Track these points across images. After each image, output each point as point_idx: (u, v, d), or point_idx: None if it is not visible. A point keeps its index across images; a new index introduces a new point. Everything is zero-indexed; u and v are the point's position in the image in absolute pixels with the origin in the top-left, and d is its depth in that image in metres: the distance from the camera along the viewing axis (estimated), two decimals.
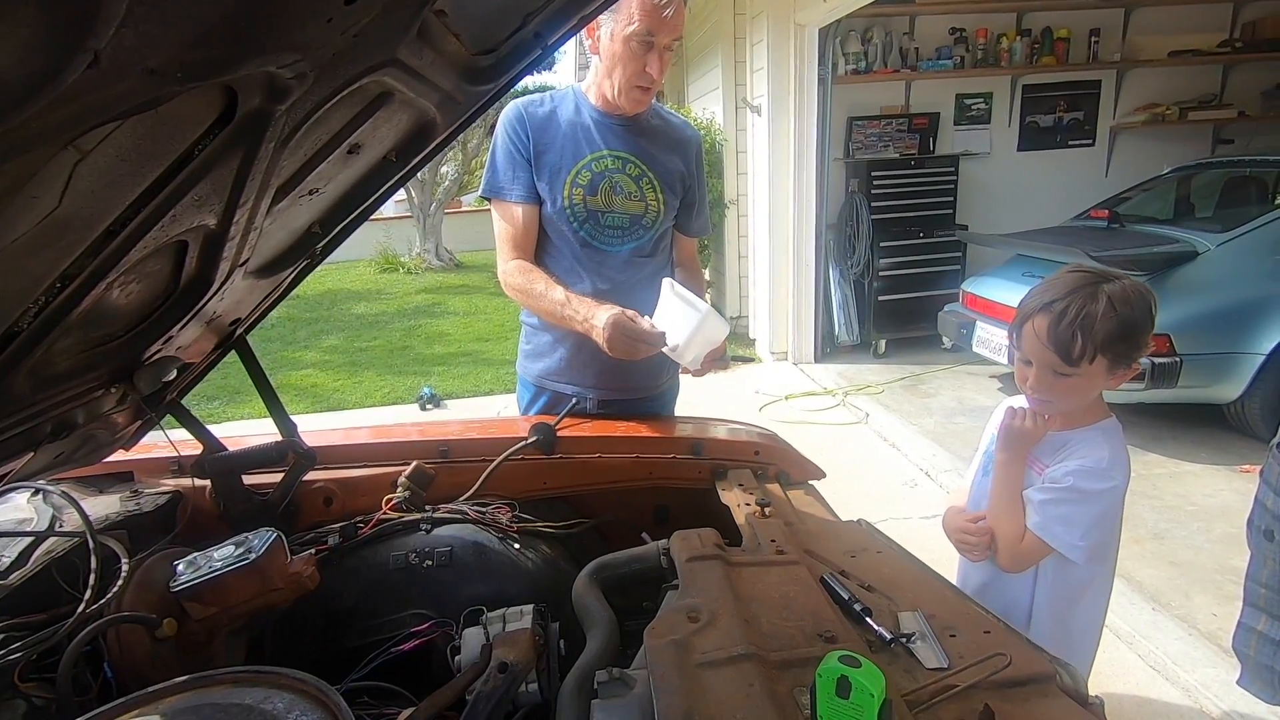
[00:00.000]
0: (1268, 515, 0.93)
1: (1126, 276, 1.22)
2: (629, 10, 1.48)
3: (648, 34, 1.49)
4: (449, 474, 1.41)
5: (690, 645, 0.87)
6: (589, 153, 1.64)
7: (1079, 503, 1.23)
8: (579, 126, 1.64)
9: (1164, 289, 3.53)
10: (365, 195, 1.13)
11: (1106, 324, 1.16)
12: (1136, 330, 1.18)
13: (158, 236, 0.71)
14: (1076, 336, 1.17)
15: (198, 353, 1.18)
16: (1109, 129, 6.04)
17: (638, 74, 1.54)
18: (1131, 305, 1.17)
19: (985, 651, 0.90)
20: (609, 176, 1.65)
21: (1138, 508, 3.05)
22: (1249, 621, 1.01)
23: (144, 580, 1.05)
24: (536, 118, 1.64)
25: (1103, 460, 1.23)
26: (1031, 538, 1.26)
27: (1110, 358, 1.19)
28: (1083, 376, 1.20)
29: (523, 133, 1.62)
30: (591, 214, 1.65)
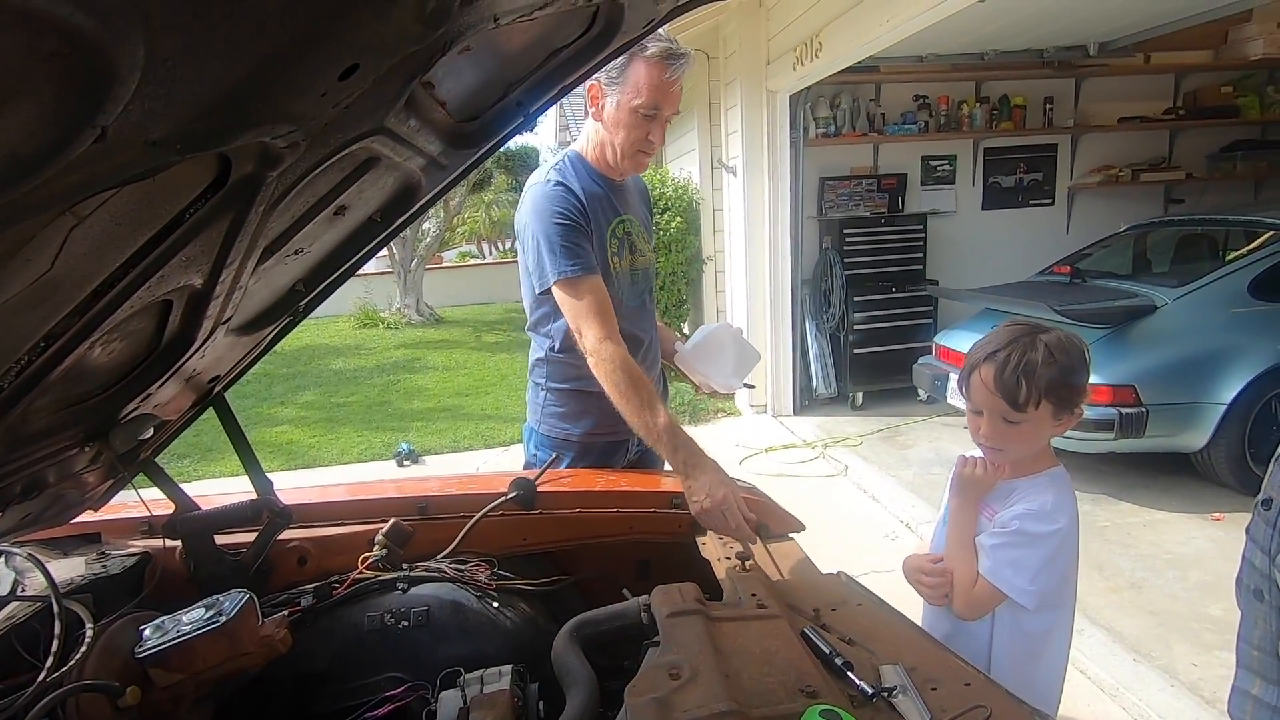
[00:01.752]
0: (1256, 574, 0.94)
1: (1058, 328, 1.29)
2: (636, 83, 1.56)
3: (654, 107, 1.58)
4: (427, 531, 1.40)
5: (671, 703, 0.86)
6: (608, 221, 1.71)
7: (1026, 546, 1.26)
8: (596, 198, 1.68)
9: (1127, 341, 3.65)
10: (349, 254, 1.16)
11: (1048, 370, 1.21)
12: (1074, 376, 1.24)
13: (144, 296, 0.72)
14: (1021, 383, 1.22)
15: (175, 410, 1.17)
16: (1067, 189, 6.33)
17: (641, 141, 1.63)
18: (1068, 353, 1.23)
19: (966, 704, 0.90)
20: (628, 240, 1.77)
21: (1115, 557, 3.07)
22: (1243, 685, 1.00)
23: (108, 646, 1.02)
24: (574, 193, 1.63)
25: (1047, 504, 1.27)
26: (983, 583, 1.28)
27: (1054, 403, 1.23)
28: (1030, 422, 1.24)
29: (577, 207, 1.62)
30: (623, 275, 1.75)
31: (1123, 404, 3.43)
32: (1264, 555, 0.91)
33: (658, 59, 1.53)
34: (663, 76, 1.55)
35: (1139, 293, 3.87)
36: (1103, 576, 2.92)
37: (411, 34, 0.58)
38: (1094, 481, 3.83)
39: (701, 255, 6.43)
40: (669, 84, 1.56)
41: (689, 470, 1.42)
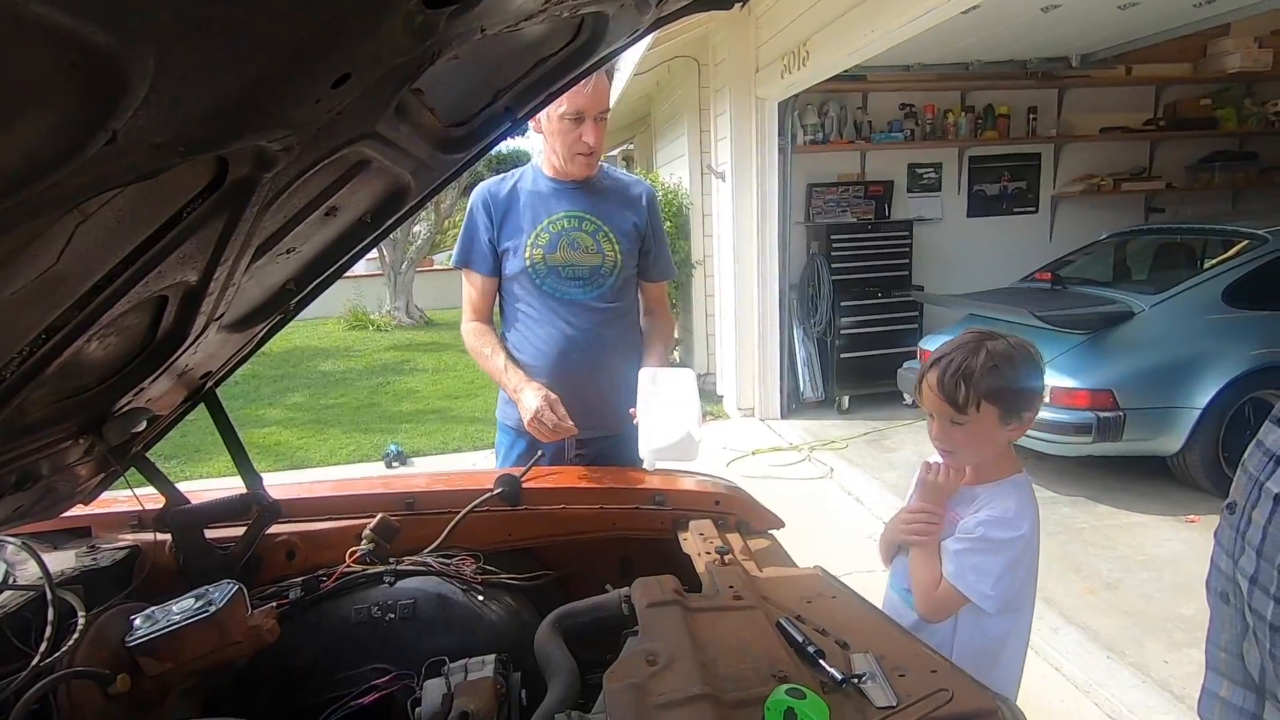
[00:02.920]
0: (1222, 577, 0.96)
1: (1013, 337, 1.33)
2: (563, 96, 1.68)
3: (577, 113, 1.72)
4: (414, 526, 1.42)
5: (648, 688, 0.90)
6: (545, 217, 1.86)
7: (989, 552, 1.29)
8: (536, 195, 1.88)
9: (1105, 347, 3.72)
10: (340, 254, 1.19)
11: (987, 375, 1.26)
12: (1017, 383, 1.28)
13: (141, 292, 0.75)
14: (960, 385, 1.26)
15: (167, 405, 1.20)
16: (1051, 197, 6.43)
17: (576, 143, 1.77)
18: (1012, 360, 1.27)
19: (931, 689, 0.94)
20: (566, 235, 1.85)
21: (1092, 559, 3.14)
22: (1212, 687, 1.02)
23: (99, 635, 1.04)
24: (499, 196, 1.88)
25: (1009, 510, 1.30)
26: (947, 586, 1.31)
27: (999, 408, 1.28)
28: (975, 424, 1.29)
29: (486, 212, 1.87)
30: (551, 269, 1.84)
31: (1100, 408, 3.51)
32: (1229, 559, 0.93)
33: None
34: (579, 92, 1.65)
35: (1117, 299, 3.95)
36: (1080, 577, 2.98)
37: (401, 46, 0.61)
38: (1073, 485, 3.90)
39: (691, 260, 6.48)
40: (581, 86, 1.63)
41: (517, 395, 1.77)
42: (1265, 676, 0.88)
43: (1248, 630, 0.89)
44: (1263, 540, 0.83)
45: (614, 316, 1.92)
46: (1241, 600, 0.88)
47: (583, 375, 1.85)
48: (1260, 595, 0.84)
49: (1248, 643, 0.90)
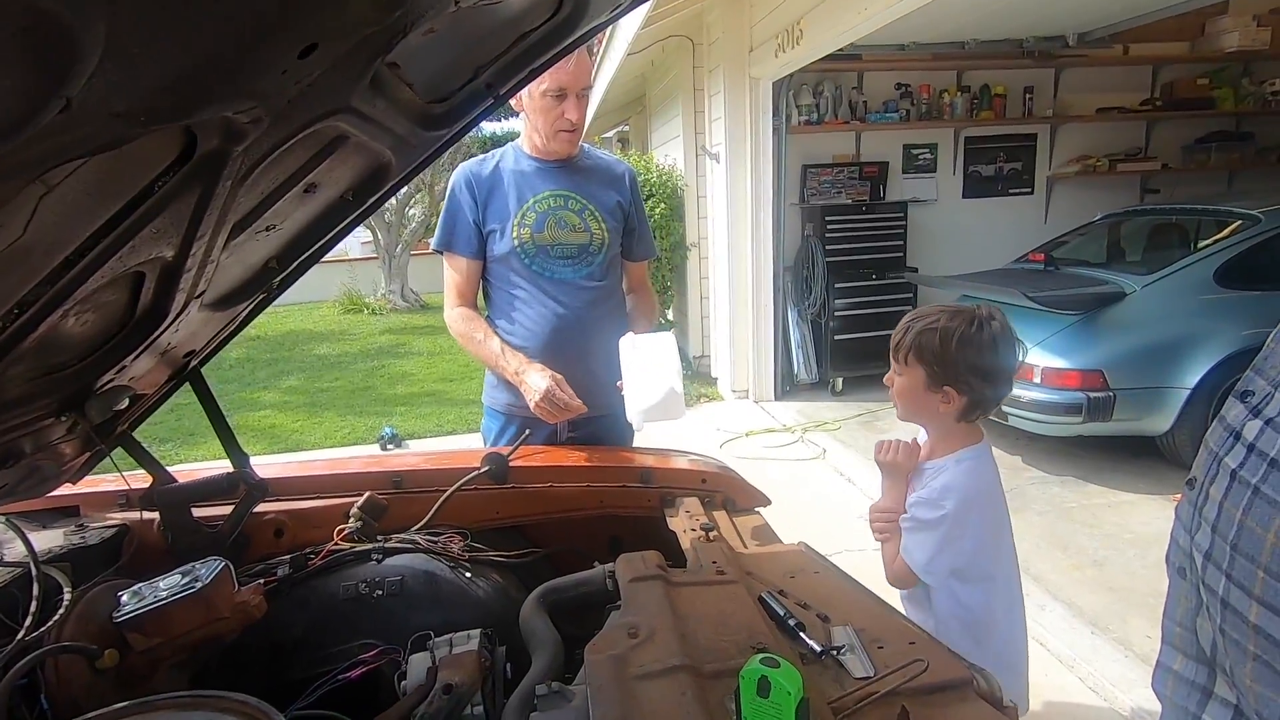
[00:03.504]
0: (1180, 552, 0.97)
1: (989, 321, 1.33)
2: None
3: (559, 89, 1.70)
4: (402, 504, 1.43)
5: (628, 659, 0.91)
6: (531, 196, 1.83)
7: (919, 530, 1.38)
8: (519, 175, 1.85)
9: (1096, 327, 3.73)
10: (322, 232, 1.18)
11: (923, 335, 1.34)
12: (950, 352, 1.31)
13: (115, 267, 0.75)
14: (902, 338, 1.38)
15: (151, 384, 1.20)
16: (1046, 178, 6.41)
17: (559, 120, 1.75)
18: (957, 335, 1.31)
19: (908, 660, 0.95)
20: (553, 213, 1.83)
21: (1080, 537, 3.17)
22: (1166, 661, 1.02)
23: (86, 611, 1.05)
24: (481, 177, 1.84)
25: (934, 491, 1.37)
26: (900, 558, 1.41)
27: (925, 370, 1.35)
28: (905, 377, 1.39)
29: (470, 191, 1.83)
30: (540, 248, 1.82)
31: (1091, 388, 3.52)
32: (1186, 534, 0.94)
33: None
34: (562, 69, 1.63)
35: (1109, 280, 3.95)
36: (1066, 555, 3.01)
37: (368, 17, 0.61)
38: (1064, 464, 3.93)
39: (685, 242, 6.46)
40: (564, 63, 1.61)
41: (520, 378, 1.74)
42: (1216, 651, 0.89)
43: (1201, 605, 0.90)
44: (1218, 516, 0.84)
45: (603, 295, 1.91)
46: (1196, 575, 0.89)
47: (574, 355, 1.83)
48: (1213, 571, 0.84)
49: (1201, 617, 0.91)
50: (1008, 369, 1.36)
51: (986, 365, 1.32)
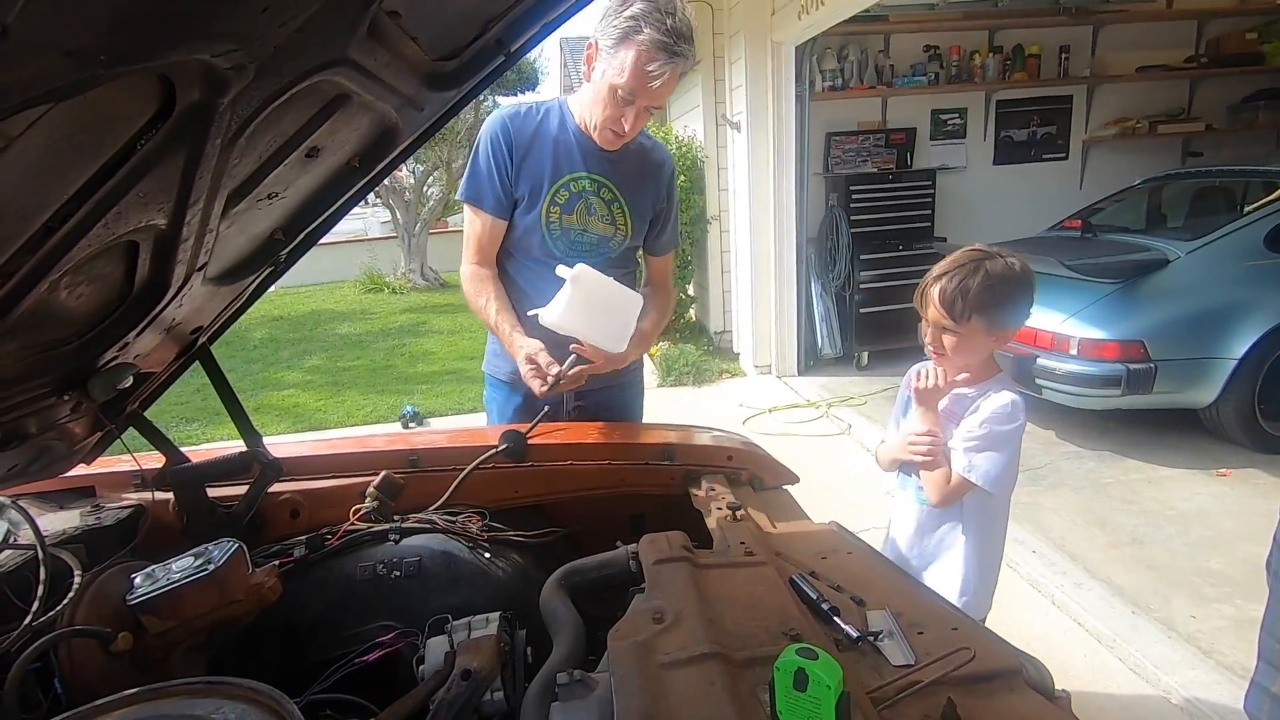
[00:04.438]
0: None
1: (1010, 256, 1.50)
2: (622, 63, 1.48)
3: (631, 94, 1.53)
4: (419, 483, 1.39)
5: (653, 646, 0.86)
6: (568, 172, 1.68)
7: (996, 445, 1.49)
8: (562, 144, 1.68)
9: (1137, 296, 3.58)
10: (328, 202, 1.13)
11: (980, 292, 1.45)
12: (1005, 299, 1.46)
13: (102, 235, 0.70)
14: (957, 301, 1.47)
15: (158, 362, 1.16)
16: (1081, 142, 6.16)
17: (614, 120, 1.59)
18: (1005, 280, 1.46)
19: (951, 647, 0.89)
20: (585, 197, 1.70)
21: (1117, 513, 3.07)
22: (1263, 681, 0.93)
23: (99, 594, 1.03)
24: (522, 131, 1.67)
25: (1007, 406, 1.50)
26: (958, 478, 1.51)
27: (985, 320, 1.47)
28: (965, 333, 1.49)
29: (506, 145, 1.66)
30: (565, 231, 1.70)
31: (1130, 359, 3.39)
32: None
33: (648, 46, 1.45)
34: (646, 67, 1.46)
35: (1151, 247, 3.78)
36: (1104, 532, 2.92)
37: None
38: (1099, 439, 3.81)
39: (706, 215, 6.34)
40: (651, 75, 1.47)
41: (515, 349, 1.63)
42: None
43: None
44: None
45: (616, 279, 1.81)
46: None
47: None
48: None
49: None
50: None
51: (1031, 296, 1.49)
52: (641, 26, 1.44)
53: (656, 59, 1.46)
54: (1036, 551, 2.76)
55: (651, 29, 1.43)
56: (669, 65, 1.47)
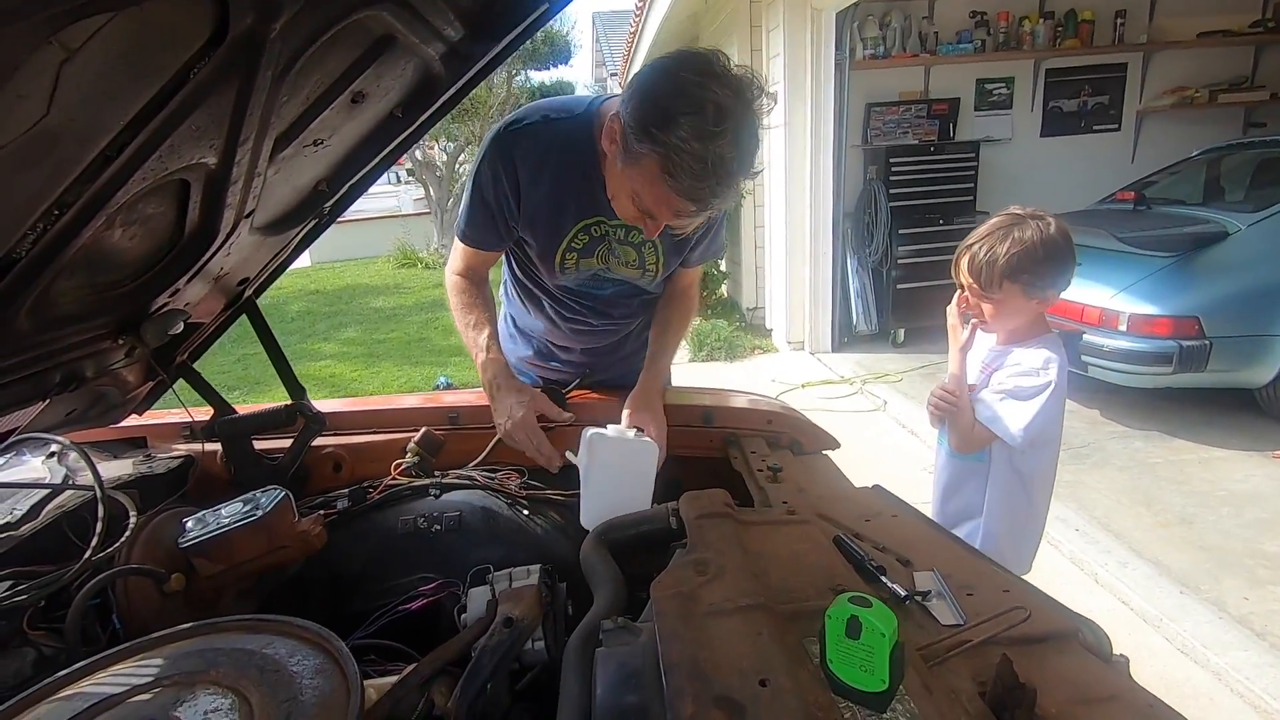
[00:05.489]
0: None
1: (1047, 218, 1.48)
2: (645, 176, 1.11)
3: (650, 214, 1.20)
4: (458, 440, 1.40)
5: (697, 596, 0.85)
6: (591, 215, 1.34)
7: (1019, 399, 1.50)
8: (581, 180, 1.29)
9: (1192, 270, 3.44)
10: (372, 152, 1.13)
11: (1009, 259, 1.45)
12: (1039, 263, 1.45)
13: (156, 169, 0.70)
14: (984, 270, 1.48)
15: (207, 312, 1.18)
16: (1135, 113, 5.91)
17: (633, 219, 1.26)
18: (1037, 243, 1.44)
19: (1000, 609, 0.87)
20: (607, 241, 1.39)
21: (1165, 493, 2.97)
22: None
23: (152, 537, 1.06)
24: (530, 161, 1.28)
25: (1036, 365, 1.50)
26: (980, 427, 1.55)
27: (1022, 285, 1.47)
28: (1001, 299, 1.50)
29: (509, 184, 1.31)
30: (581, 274, 1.45)
31: (1184, 336, 3.26)
32: None
33: (675, 183, 1.08)
34: (670, 204, 1.14)
35: (1209, 219, 3.62)
36: (1151, 512, 2.83)
37: None
38: (1147, 418, 3.68)
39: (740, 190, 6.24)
40: (677, 212, 1.17)
41: (494, 392, 1.37)
42: None
43: None
44: None
45: (640, 306, 1.58)
46: None
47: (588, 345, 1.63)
48: None
49: None
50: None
51: (1070, 257, 1.47)
52: (676, 148, 1.03)
53: (681, 200, 1.10)
54: (1079, 529, 2.70)
55: (688, 159, 1.03)
56: (700, 211, 1.14)
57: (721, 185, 1.08)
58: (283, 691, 0.72)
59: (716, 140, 1.02)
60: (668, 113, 1.02)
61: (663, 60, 1.09)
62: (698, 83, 1.02)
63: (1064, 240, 1.47)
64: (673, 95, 1.02)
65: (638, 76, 1.10)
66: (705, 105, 1.01)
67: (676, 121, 1.01)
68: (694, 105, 1.01)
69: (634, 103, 1.08)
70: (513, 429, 1.32)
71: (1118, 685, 0.80)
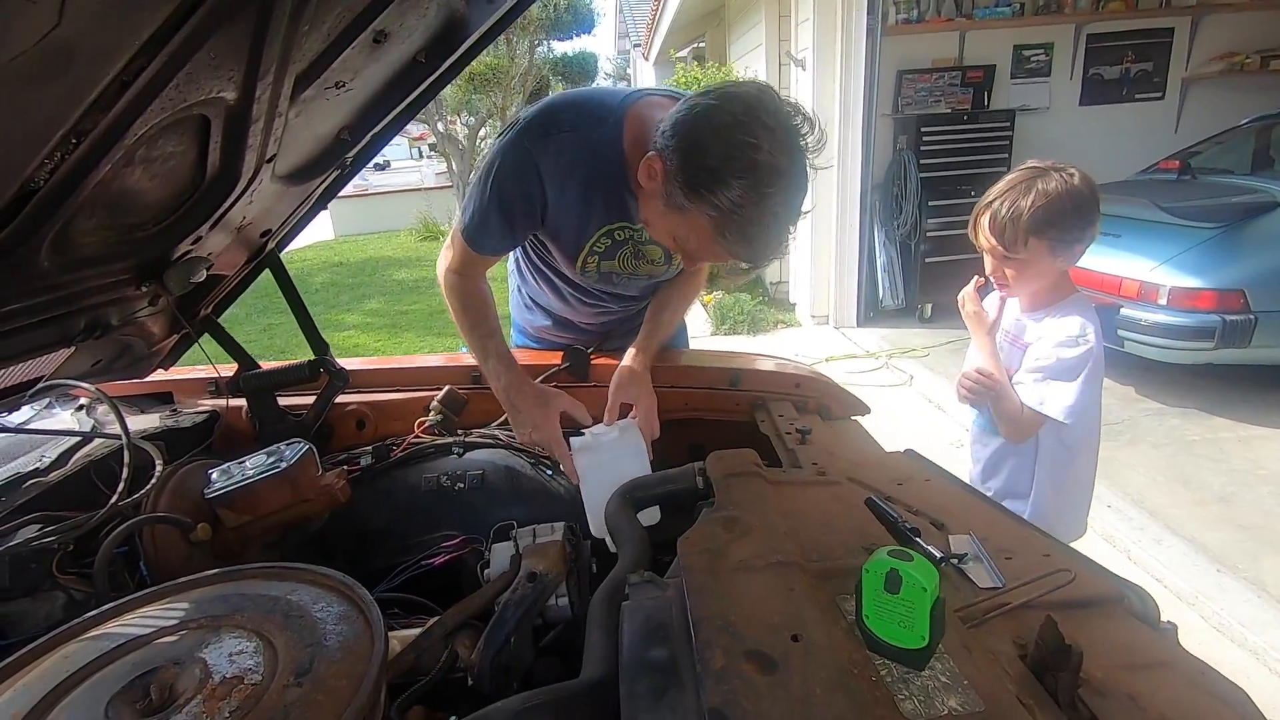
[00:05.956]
0: None
1: (1070, 169, 1.39)
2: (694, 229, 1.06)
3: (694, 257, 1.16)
4: (482, 400, 1.39)
5: (725, 552, 0.83)
6: (616, 220, 1.28)
7: (1065, 373, 1.42)
8: (610, 186, 1.22)
9: (1239, 241, 3.30)
10: (394, 99, 1.10)
11: (1034, 214, 1.36)
12: (1065, 215, 1.37)
13: (174, 99, 0.68)
14: (1007, 227, 1.39)
15: (230, 264, 1.17)
16: (1180, 80, 5.65)
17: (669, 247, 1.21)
18: (1061, 195, 1.36)
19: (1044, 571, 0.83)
20: (632, 244, 1.34)
21: (1203, 471, 2.89)
22: None
23: (179, 487, 1.06)
24: (557, 171, 1.19)
25: (1074, 328, 1.42)
26: (1030, 412, 1.45)
27: (1045, 243, 1.39)
28: (1026, 259, 1.41)
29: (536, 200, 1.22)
30: (604, 275, 1.39)
31: (1228, 310, 3.14)
32: None
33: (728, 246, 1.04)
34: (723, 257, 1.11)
35: (1259, 189, 3.46)
36: (1188, 490, 2.76)
37: None
38: (1184, 395, 3.58)
39: None
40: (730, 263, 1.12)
41: (511, 401, 1.27)
42: None
43: None
44: None
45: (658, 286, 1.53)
46: None
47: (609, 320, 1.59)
48: None
49: None
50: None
51: (1094, 208, 1.39)
52: (729, 212, 0.99)
53: (734, 259, 1.07)
54: (1112, 506, 2.63)
55: (741, 223, 0.99)
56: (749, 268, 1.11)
57: (775, 241, 1.05)
58: (307, 636, 0.72)
59: (770, 200, 0.98)
60: (718, 175, 0.97)
61: (707, 108, 1.00)
62: (749, 143, 0.95)
63: (1089, 191, 1.39)
64: (723, 158, 0.96)
65: (682, 122, 1.01)
66: (758, 167, 0.96)
67: (728, 184, 0.97)
68: (746, 168, 0.96)
69: (680, 157, 1.01)
70: (537, 439, 1.26)
71: (1167, 652, 0.77)
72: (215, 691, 0.65)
